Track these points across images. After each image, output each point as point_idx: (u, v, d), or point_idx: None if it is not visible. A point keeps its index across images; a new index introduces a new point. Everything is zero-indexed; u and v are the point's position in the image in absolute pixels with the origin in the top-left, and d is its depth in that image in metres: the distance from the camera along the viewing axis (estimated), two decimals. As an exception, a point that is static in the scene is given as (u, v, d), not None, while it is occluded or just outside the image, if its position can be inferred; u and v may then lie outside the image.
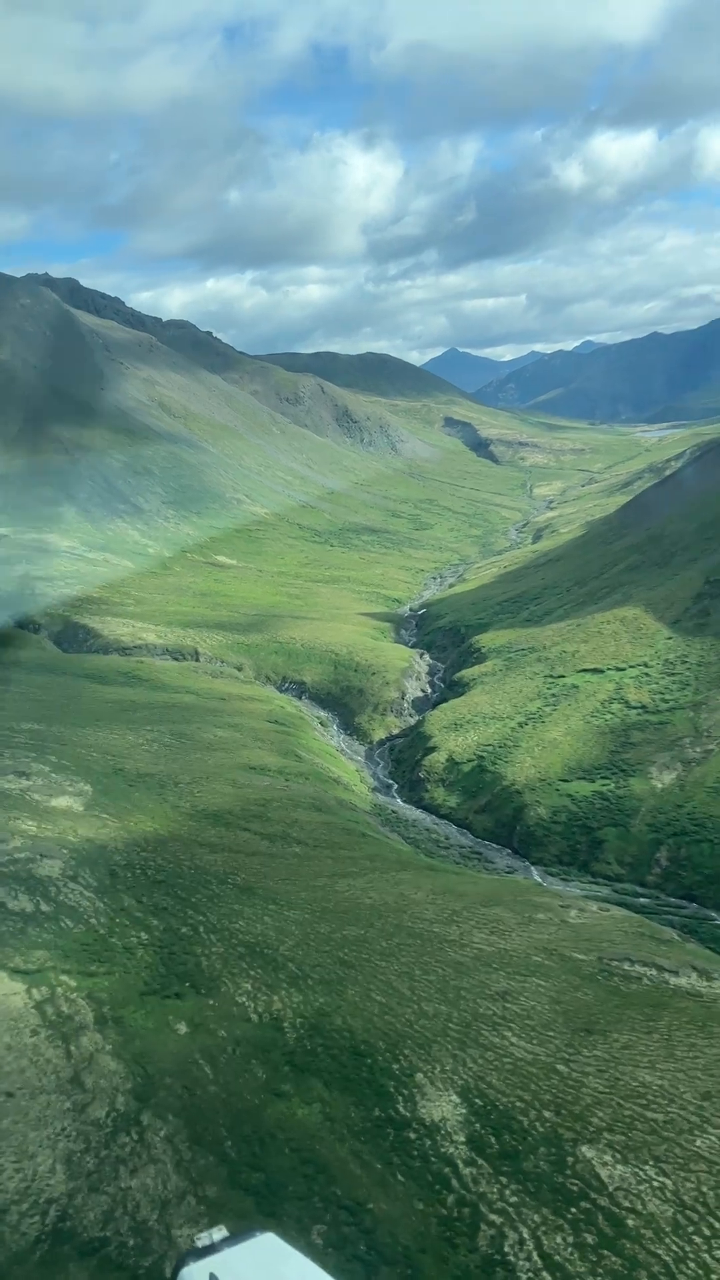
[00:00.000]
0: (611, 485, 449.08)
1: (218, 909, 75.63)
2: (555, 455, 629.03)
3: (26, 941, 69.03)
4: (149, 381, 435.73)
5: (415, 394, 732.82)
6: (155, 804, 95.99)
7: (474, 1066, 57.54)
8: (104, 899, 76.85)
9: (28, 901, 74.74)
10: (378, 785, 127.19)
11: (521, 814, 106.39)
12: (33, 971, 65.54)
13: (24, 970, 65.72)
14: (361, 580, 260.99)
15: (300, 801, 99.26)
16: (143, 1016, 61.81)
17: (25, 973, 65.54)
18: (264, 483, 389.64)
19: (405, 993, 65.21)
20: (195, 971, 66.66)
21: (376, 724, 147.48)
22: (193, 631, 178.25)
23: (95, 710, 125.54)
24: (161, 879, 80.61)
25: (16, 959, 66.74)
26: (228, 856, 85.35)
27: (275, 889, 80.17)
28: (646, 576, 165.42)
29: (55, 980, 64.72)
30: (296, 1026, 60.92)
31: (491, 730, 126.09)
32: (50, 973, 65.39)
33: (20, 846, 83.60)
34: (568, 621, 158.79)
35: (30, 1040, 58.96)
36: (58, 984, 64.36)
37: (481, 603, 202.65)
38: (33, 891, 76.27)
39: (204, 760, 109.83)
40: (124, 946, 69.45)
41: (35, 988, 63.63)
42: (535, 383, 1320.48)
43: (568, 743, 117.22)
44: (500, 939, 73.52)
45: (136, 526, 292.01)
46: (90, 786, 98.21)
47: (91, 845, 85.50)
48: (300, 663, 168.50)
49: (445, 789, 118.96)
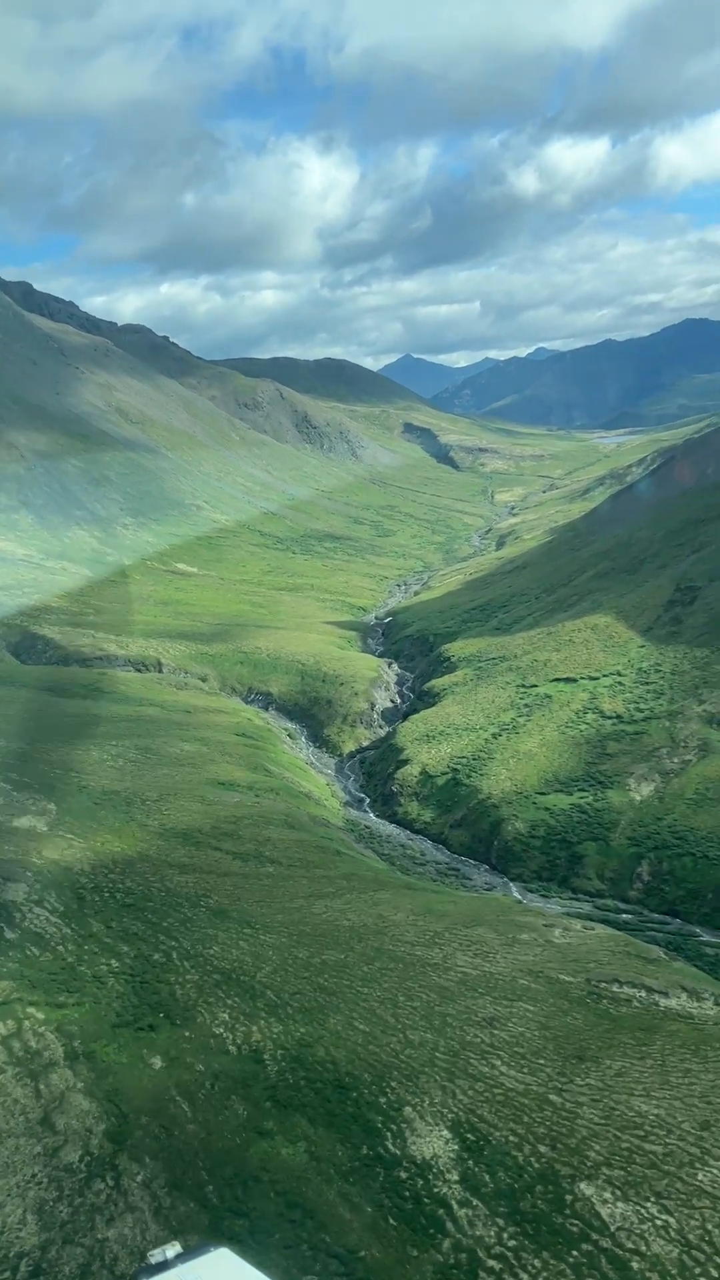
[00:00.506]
0: (572, 491, 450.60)
1: (191, 934, 73.19)
2: (515, 461, 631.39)
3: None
4: (106, 386, 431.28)
5: (375, 400, 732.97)
6: (122, 823, 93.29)
7: (464, 1098, 55.60)
8: (71, 924, 74.17)
9: None
10: (349, 799, 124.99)
11: (499, 828, 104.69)
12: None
13: (-12, 1003, 63.12)
14: (325, 588, 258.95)
15: (272, 818, 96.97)
16: (115, 1051, 59.31)
17: (-11, 1005, 62.96)
18: (224, 489, 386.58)
19: (389, 1020, 63.17)
20: (169, 1001, 64.21)
21: (346, 736, 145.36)
22: (155, 642, 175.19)
23: (57, 725, 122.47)
24: (131, 902, 78.04)
25: (-21, 991, 64.17)
26: (199, 878, 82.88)
27: (250, 912, 77.83)
28: (616, 584, 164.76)
29: (22, 1013, 62.05)
30: (277, 1059, 58.67)
31: (465, 742, 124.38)
32: (16, 1004, 62.72)
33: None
34: (538, 630, 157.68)
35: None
36: (25, 1017, 61.70)
37: (449, 611, 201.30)
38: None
39: (171, 776, 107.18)
40: (94, 975, 66.85)
41: (1, 1021, 61.03)
42: (490, 389, 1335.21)
43: (543, 754, 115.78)
44: (485, 961, 71.66)
45: (95, 534, 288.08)
46: (54, 805, 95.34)
47: (57, 867, 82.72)
48: (266, 673, 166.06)
49: (419, 803, 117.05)
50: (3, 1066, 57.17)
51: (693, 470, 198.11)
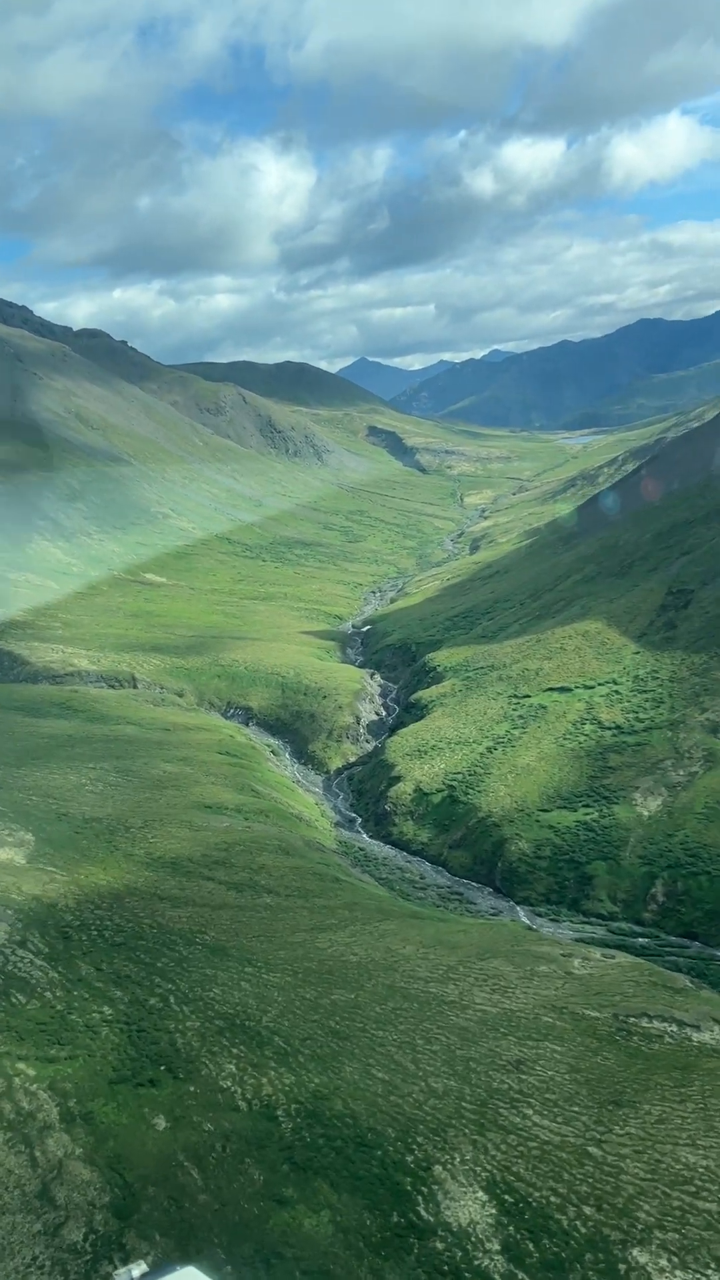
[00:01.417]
0: (544, 493, 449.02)
1: (188, 975, 69.01)
2: (482, 463, 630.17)
3: (-27, 1023, 62.06)
4: (65, 392, 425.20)
5: (337, 403, 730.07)
6: (106, 853, 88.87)
7: (497, 1154, 51.92)
8: (58, 967, 69.79)
9: None
10: (340, 820, 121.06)
11: (501, 849, 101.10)
12: (-17, 1060, 58.62)
13: (-27, 1059, 58.83)
14: (299, 596, 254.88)
15: (265, 844, 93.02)
16: (115, 1110, 55.19)
17: (-25, 1062, 58.68)
18: (190, 497, 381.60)
19: (409, 1067, 59.39)
20: (170, 1052, 60.08)
21: (332, 751, 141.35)
22: (128, 655, 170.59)
23: (30, 747, 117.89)
24: (121, 941, 73.73)
25: (-36, 1045, 59.82)
26: (193, 911, 78.66)
27: (250, 948, 73.73)
28: (605, 588, 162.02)
29: (11, 1069, 57.80)
30: (292, 1114, 54.77)
31: (459, 756, 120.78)
32: (4, 1059, 58.48)
33: (-42, 909, 76.25)
34: (526, 637, 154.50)
35: (-14, 1147, 52.20)
36: (14, 1073, 57.46)
37: (430, 618, 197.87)
38: (-24, 962, 69.15)
39: (154, 800, 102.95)
40: (86, 1025, 62.61)
41: (-13, 1079, 56.80)
42: (448, 392, 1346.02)
43: (542, 768, 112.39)
44: (504, 998, 68.02)
45: (58, 545, 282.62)
46: (32, 835, 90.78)
47: (39, 904, 78.28)
48: (245, 687, 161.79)
49: (415, 823, 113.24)
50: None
51: (676, 471, 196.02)
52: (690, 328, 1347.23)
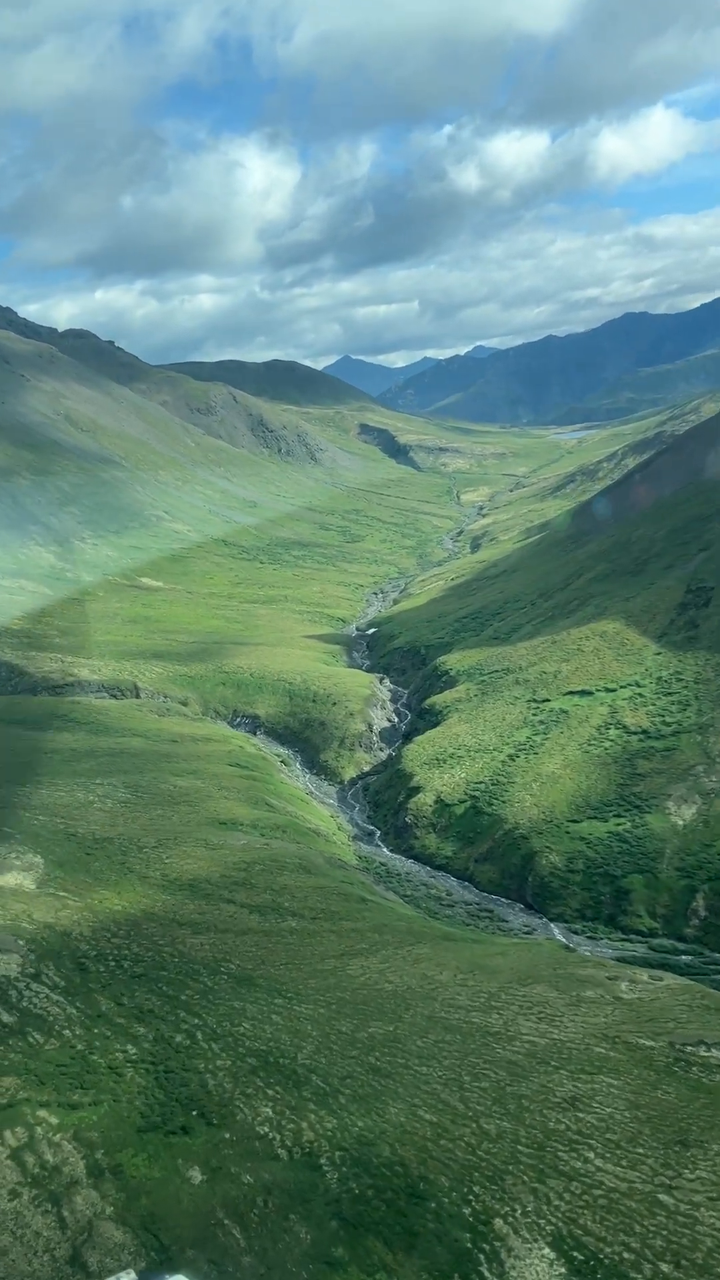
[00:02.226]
0: (542, 489, 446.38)
1: (215, 1008, 65.54)
2: (477, 460, 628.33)
3: (-11, 1065, 58.41)
4: (54, 394, 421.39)
5: (327, 401, 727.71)
6: (119, 875, 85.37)
7: (561, 1205, 48.59)
8: (76, 1003, 66.24)
9: None
10: (358, 833, 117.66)
11: (531, 862, 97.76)
12: (2, 1107, 55.08)
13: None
14: (300, 599, 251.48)
15: (285, 863, 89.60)
16: (145, 1162, 51.74)
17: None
18: (184, 498, 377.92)
19: (458, 1107, 56.07)
20: (201, 1095, 56.65)
21: (345, 760, 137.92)
22: (129, 664, 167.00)
23: (33, 763, 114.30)
24: (141, 972, 70.22)
25: (-21, 1090, 56.20)
26: (215, 938, 75.23)
27: (278, 977, 70.30)
28: (620, 586, 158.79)
29: (32, 1117, 54.27)
30: (336, 1162, 51.42)
31: (480, 765, 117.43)
32: (24, 1106, 54.91)
33: (-33, 940, 72.62)
34: (541, 638, 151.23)
35: (11, 1205, 48.67)
36: (36, 1122, 53.93)
37: (437, 620, 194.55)
38: (-12, 998, 65.50)
39: (167, 817, 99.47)
40: (109, 1066, 59.11)
41: (10, 1129, 53.30)
42: (434, 388, 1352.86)
43: (568, 776, 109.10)
44: (551, 1027, 64.71)
45: (51, 549, 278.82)
46: (41, 858, 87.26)
47: (52, 933, 74.72)
48: (251, 694, 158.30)
49: (437, 835, 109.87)
50: (18, 1188, 49.55)
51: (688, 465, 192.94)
52: (675, 321, 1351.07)
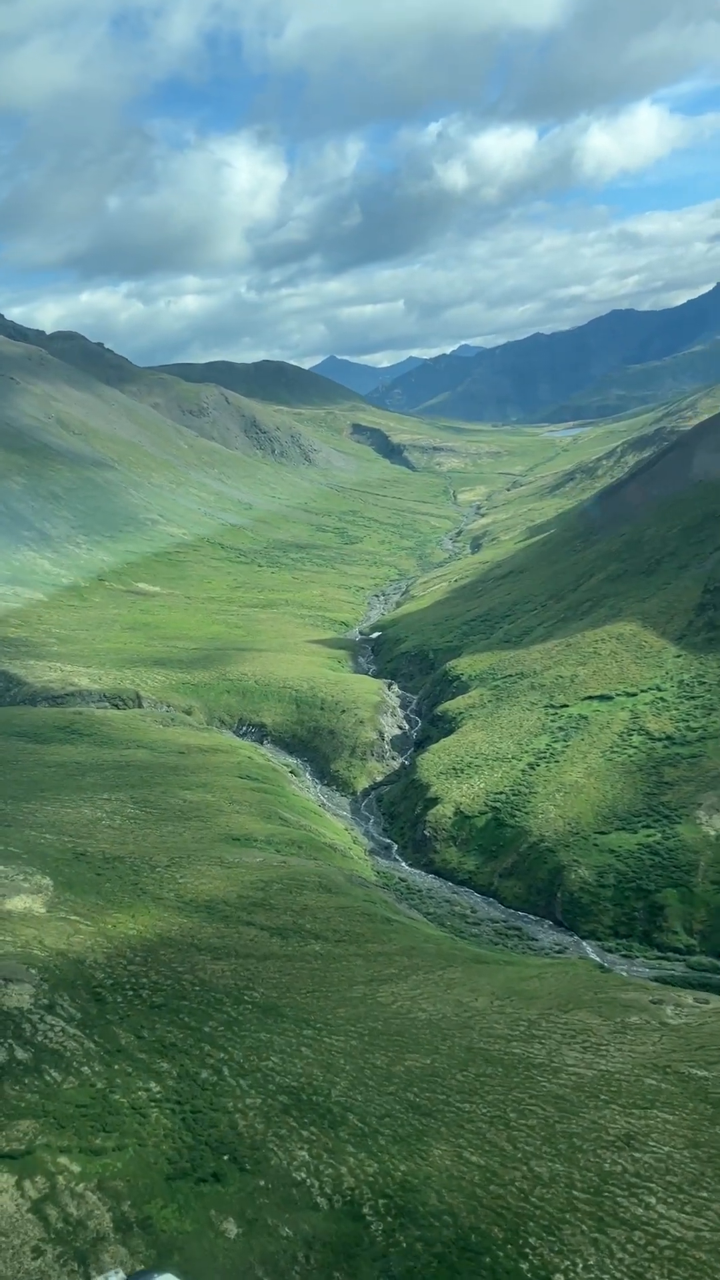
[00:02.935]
0: (541, 488, 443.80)
1: (240, 1040, 62.36)
2: (472, 459, 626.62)
3: (4, 1107, 55.08)
4: (44, 397, 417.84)
5: (318, 401, 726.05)
6: (132, 897, 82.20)
7: (625, 1257, 45.48)
8: (93, 1036, 62.95)
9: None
10: (374, 846, 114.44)
11: (560, 877, 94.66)
12: (20, 1154, 51.88)
13: (8, 1153, 52.03)
14: (301, 603, 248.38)
15: (304, 881, 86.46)
16: (176, 1214, 48.53)
17: (11, 1156, 51.86)
18: (178, 501, 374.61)
19: (506, 1148, 52.98)
20: (231, 1137, 53.49)
21: (357, 770, 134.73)
22: (130, 672, 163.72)
23: (37, 777, 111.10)
24: (160, 1002, 66.97)
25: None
26: (237, 964, 72.04)
27: (305, 1006, 67.16)
28: (634, 587, 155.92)
29: (53, 1164, 51.02)
30: (380, 1211, 48.27)
31: (499, 775, 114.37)
32: (43, 1152, 51.67)
33: (-24, 970, 69.27)
34: (555, 641, 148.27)
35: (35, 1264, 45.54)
36: (57, 1170, 50.68)
37: (444, 622, 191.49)
38: (1, 1031, 62.00)
39: (179, 834, 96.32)
40: (132, 1106, 55.89)
41: (29, 1179, 50.08)
42: (421, 388, 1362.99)
43: (592, 785, 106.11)
44: (597, 1057, 61.66)
45: (46, 555, 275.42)
46: (49, 879, 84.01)
47: (65, 960, 71.44)
48: (257, 702, 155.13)
49: (458, 849, 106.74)
50: (41, 1245, 46.34)
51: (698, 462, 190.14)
52: (662, 318, 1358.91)
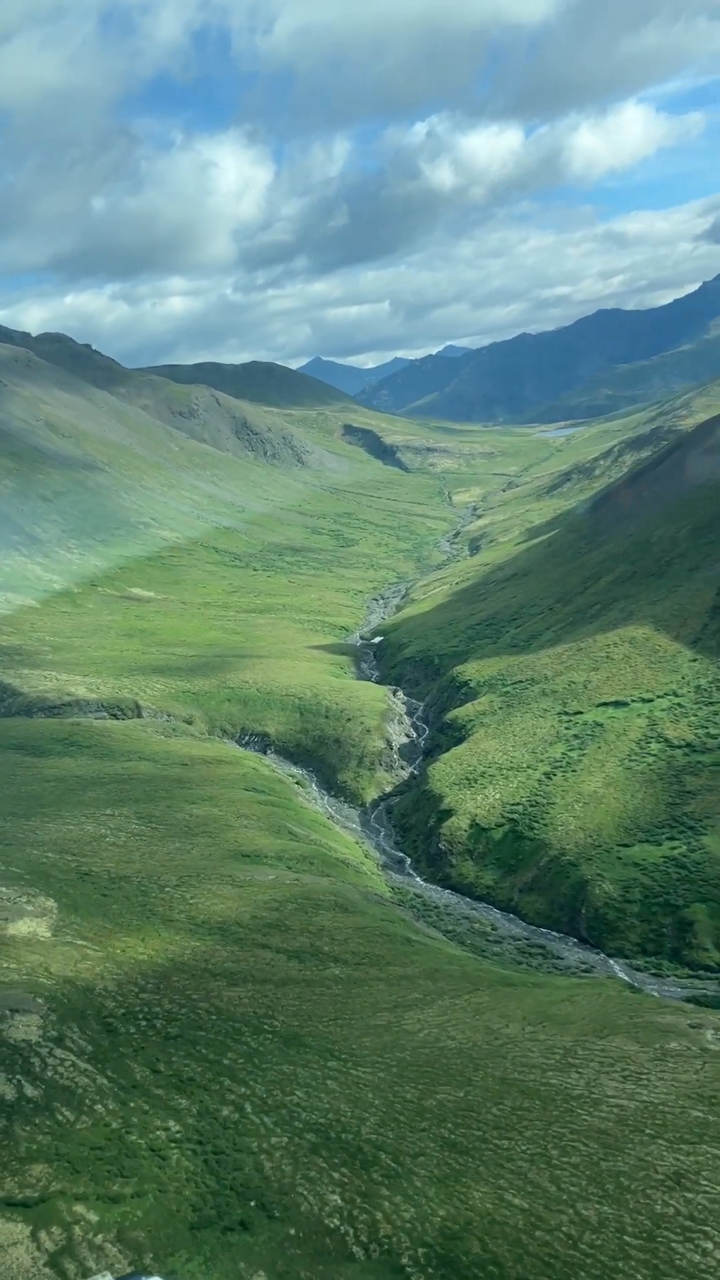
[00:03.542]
0: (538, 488, 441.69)
1: (262, 1073, 59.61)
2: (465, 460, 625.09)
3: (16, 1150, 52.22)
4: (33, 400, 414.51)
5: (309, 402, 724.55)
6: (141, 919, 79.42)
7: (690, 1312, 42.97)
8: (106, 1070, 60.10)
9: (5, 1083, 57.60)
10: (387, 861, 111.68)
11: (583, 892, 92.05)
12: (35, 1201, 49.04)
13: (21, 1200, 49.20)
14: (299, 607, 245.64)
15: (319, 900, 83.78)
16: (202, 1268, 45.70)
17: (24, 1204, 48.99)
18: (170, 504, 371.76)
19: (549, 1189, 50.33)
20: (257, 1181, 50.73)
21: (365, 781, 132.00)
22: (128, 680, 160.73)
23: (36, 792, 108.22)
24: (176, 1032, 64.14)
25: (7, 1180, 50.00)
26: (254, 990, 69.31)
27: (329, 1035, 64.42)
28: (644, 589, 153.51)
29: (68, 1213, 48.18)
30: (420, 1262, 45.54)
31: (514, 785, 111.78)
32: (58, 1200, 48.83)
33: (-20, 1000, 66.35)
34: (565, 645, 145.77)
35: (53, 1328, 42.97)
36: (73, 1220, 47.86)
37: (448, 627, 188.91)
38: (9, 1066, 59.14)
39: (186, 851, 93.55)
40: (150, 1147, 53.09)
41: (43, 1229, 47.26)
42: (408, 388, 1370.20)
43: (612, 795, 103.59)
44: (638, 1087, 59.02)
45: (37, 560, 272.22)
46: (54, 901, 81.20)
47: (73, 988, 68.57)
48: (259, 711, 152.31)
49: (475, 863, 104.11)
50: (58, 1307, 43.69)
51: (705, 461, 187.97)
52: (649, 317, 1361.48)
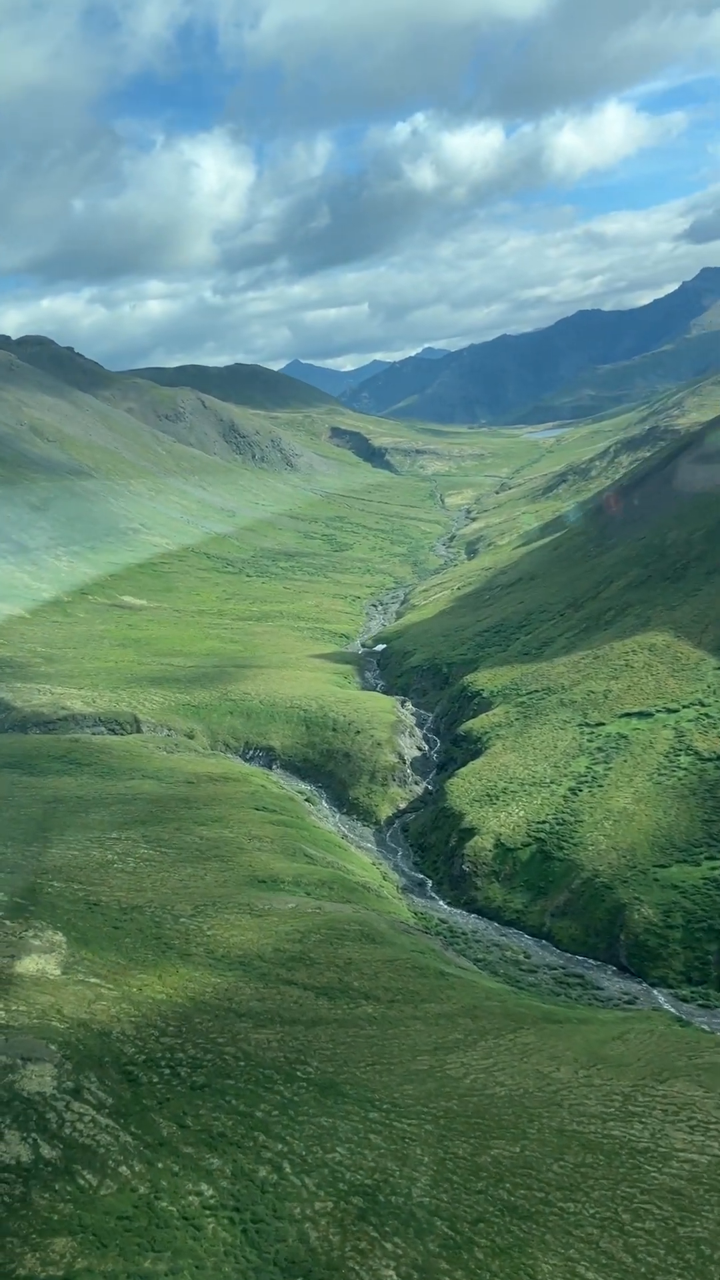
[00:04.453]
0: (533, 490, 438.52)
1: (300, 1128, 55.39)
2: (455, 462, 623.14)
3: (35, 1220, 47.78)
4: (16, 404, 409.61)
5: (295, 404, 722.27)
6: (157, 954, 75.17)
7: None
8: (129, 1126, 55.63)
9: (20, 1143, 52.96)
10: (407, 883, 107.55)
11: (620, 917, 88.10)
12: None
13: None
14: (296, 614, 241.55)
15: (344, 930, 79.71)
16: None
17: (46, 1288, 44.89)
18: (159, 509, 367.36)
19: (625, 1260, 46.35)
20: (303, 1254, 46.57)
21: (378, 797, 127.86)
22: (125, 693, 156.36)
23: (37, 815, 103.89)
24: (202, 1081, 59.75)
25: (28, 1257, 45.59)
26: (283, 1032, 65.06)
27: (367, 1082, 60.25)
28: (660, 594, 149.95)
29: (98, 1296, 44.20)
30: (492, 1349, 41.72)
31: (538, 801, 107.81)
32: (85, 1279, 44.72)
33: (-11, 1047, 61.85)
34: (580, 653, 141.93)
35: None
36: (104, 1304, 43.92)
37: (454, 634, 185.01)
38: (23, 1124, 54.49)
39: (199, 877, 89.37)
40: (183, 1215, 48.80)
41: (72, 1317, 43.28)
42: (388, 391, 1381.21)
43: (643, 812, 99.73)
44: (708, 1139, 55.09)
45: (25, 568, 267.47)
46: (63, 935, 76.84)
47: (88, 1032, 64.04)
48: (263, 724, 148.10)
49: (502, 885, 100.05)
50: None
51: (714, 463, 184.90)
52: (629, 318, 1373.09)
